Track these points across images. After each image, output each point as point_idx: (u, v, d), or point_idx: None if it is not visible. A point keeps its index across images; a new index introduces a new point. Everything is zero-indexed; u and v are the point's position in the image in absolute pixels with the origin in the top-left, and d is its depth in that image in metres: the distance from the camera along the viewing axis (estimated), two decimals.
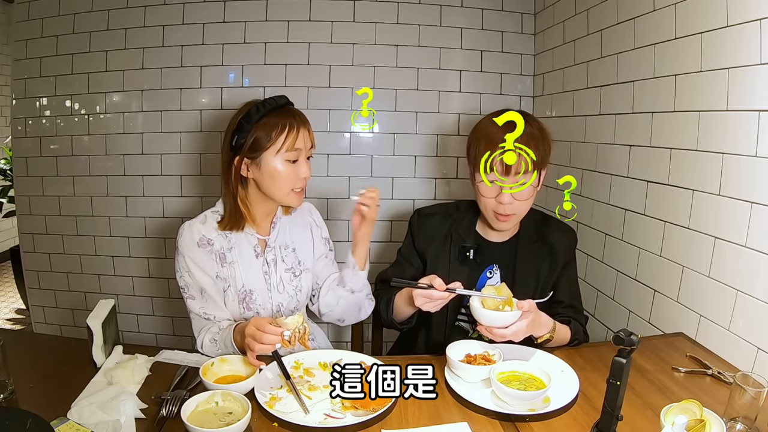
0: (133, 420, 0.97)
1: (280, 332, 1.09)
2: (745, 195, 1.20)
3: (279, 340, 1.09)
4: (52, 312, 2.48)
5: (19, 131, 2.36)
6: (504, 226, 1.41)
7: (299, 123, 1.30)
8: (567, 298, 1.46)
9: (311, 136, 1.33)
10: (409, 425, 1.00)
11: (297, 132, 1.28)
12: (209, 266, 1.32)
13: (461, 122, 2.34)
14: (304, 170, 1.31)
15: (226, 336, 1.23)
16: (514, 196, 1.33)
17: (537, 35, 2.31)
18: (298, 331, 1.10)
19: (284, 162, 1.28)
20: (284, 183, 1.29)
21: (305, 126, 1.31)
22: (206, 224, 1.34)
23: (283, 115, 1.29)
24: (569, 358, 1.23)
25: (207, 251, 1.32)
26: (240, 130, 1.28)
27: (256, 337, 1.08)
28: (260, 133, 1.27)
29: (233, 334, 1.21)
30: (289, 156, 1.28)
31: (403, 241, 1.58)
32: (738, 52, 1.21)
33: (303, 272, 1.43)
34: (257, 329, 1.09)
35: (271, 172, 1.28)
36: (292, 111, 1.32)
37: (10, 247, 3.73)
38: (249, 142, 1.27)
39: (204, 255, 1.31)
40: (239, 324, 1.23)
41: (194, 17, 2.21)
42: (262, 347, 1.09)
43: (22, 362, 1.14)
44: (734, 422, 0.93)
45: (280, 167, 1.28)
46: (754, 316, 1.18)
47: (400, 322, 1.43)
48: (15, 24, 2.30)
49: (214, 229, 1.34)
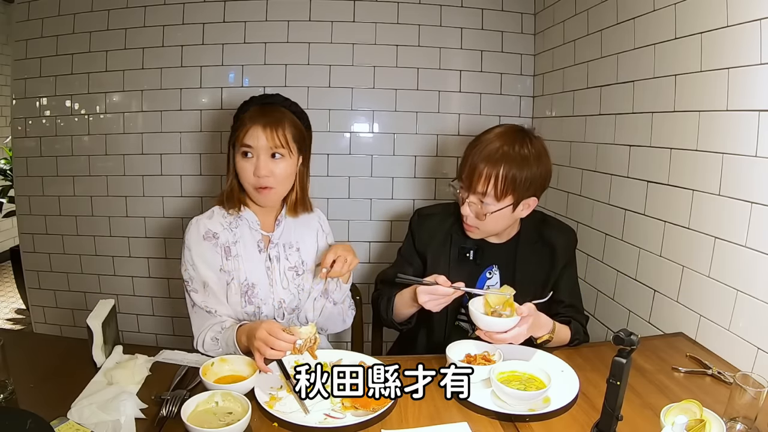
0: (133, 420, 0.97)
1: (293, 340, 1.10)
2: (745, 195, 1.20)
3: (291, 348, 1.10)
4: (52, 312, 2.48)
5: (19, 131, 2.36)
6: (471, 235, 1.41)
7: (258, 121, 1.30)
8: (567, 298, 1.45)
9: (271, 134, 1.29)
10: (409, 425, 1.00)
11: (249, 128, 1.29)
12: (213, 260, 1.34)
13: (461, 122, 2.34)
14: (259, 168, 1.30)
15: (228, 335, 1.24)
16: (474, 212, 1.34)
17: (537, 35, 2.31)
18: (309, 340, 1.11)
19: (240, 156, 1.31)
20: (242, 177, 1.33)
21: (265, 124, 1.29)
22: (213, 219, 1.38)
23: (254, 112, 1.32)
24: (569, 358, 1.23)
25: (212, 244, 1.34)
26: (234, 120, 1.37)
27: (268, 342, 1.09)
28: (234, 128, 1.35)
29: (237, 335, 1.21)
30: (242, 150, 1.31)
31: (403, 242, 1.58)
32: (738, 52, 1.21)
33: (306, 272, 1.44)
34: (269, 334, 1.10)
35: (235, 166, 1.34)
36: (267, 109, 1.33)
37: (10, 247, 3.73)
38: (232, 134, 1.35)
39: (209, 248, 1.34)
40: (244, 324, 1.24)
41: (194, 17, 2.21)
42: (273, 353, 1.10)
43: (22, 362, 1.14)
44: (734, 422, 0.93)
45: (238, 161, 1.32)
46: (754, 316, 1.18)
47: (400, 322, 1.43)
48: (15, 24, 2.30)
49: (221, 224, 1.37)
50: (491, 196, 1.31)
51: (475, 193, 1.32)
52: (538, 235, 1.47)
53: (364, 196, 2.36)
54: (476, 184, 1.31)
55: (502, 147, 1.30)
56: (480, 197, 1.32)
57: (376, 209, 2.38)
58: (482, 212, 1.33)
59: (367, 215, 2.38)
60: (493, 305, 1.19)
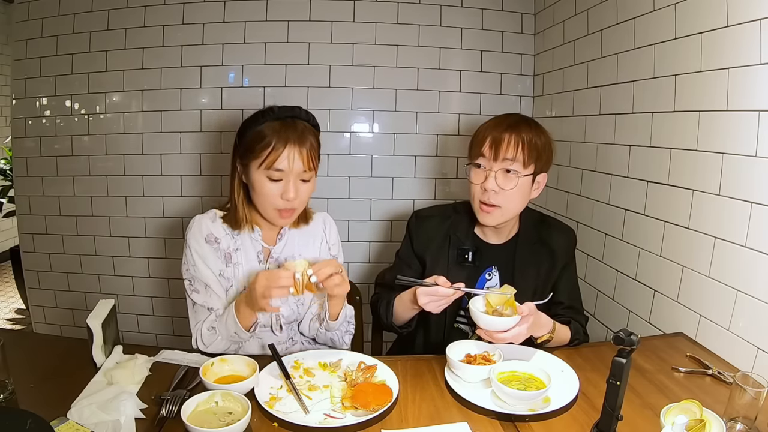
0: (133, 420, 0.97)
1: (291, 274, 1.11)
2: (745, 195, 1.20)
3: (292, 282, 1.11)
4: (52, 312, 2.49)
5: (19, 131, 2.36)
6: (487, 219, 1.37)
7: (291, 142, 1.21)
8: (567, 298, 1.45)
9: (307, 158, 1.22)
10: (409, 425, 1.00)
11: (281, 151, 1.20)
12: (214, 263, 1.32)
13: (461, 122, 2.34)
14: (288, 192, 1.23)
15: (227, 315, 1.23)
16: (500, 185, 1.33)
17: (537, 35, 2.31)
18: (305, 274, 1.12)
19: (266, 178, 1.23)
20: (265, 199, 1.25)
21: (299, 146, 1.21)
22: (215, 222, 1.34)
23: (279, 128, 1.22)
24: (569, 358, 1.23)
25: (213, 248, 1.32)
26: (242, 133, 1.27)
27: (270, 281, 1.10)
28: (252, 142, 1.23)
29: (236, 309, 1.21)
30: (270, 174, 1.22)
31: (401, 244, 1.57)
32: (738, 52, 1.21)
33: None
34: (268, 277, 1.11)
35: (253, 185, 1.25)
36: (292, 126, 1.23)
37: (10, 247, 3.73)
38: (242, 147, 1.26)
39: (210, 251, 1.31)
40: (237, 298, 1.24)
41: (194, 17, 2.22)
42: (278, 291, 1.10)
43: (22, 362, 1.14)
44: (734, 422, 0.93)
45: (261, 182, 1.23)
46: (754, 316, 1.18)
47: (400, 325, 1.42)
48: (15, 24, 2.30)
49: (222, 228, 1.34)
50: (519, 162, 1.31)
51: (504, 160, 1.31)
52: (538, 235, 1.46)
53: (364, 196, 2.36)
54: (504, 151, 1.30)
55: (518, 119, 1.36)
56: (508, 164, 1.31)
57: (376, 209, 2.38)
58: (508, 184, 1.32)
59: (367, 215, 2.38)
60: (494, 305, 1.19)
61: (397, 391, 1.08)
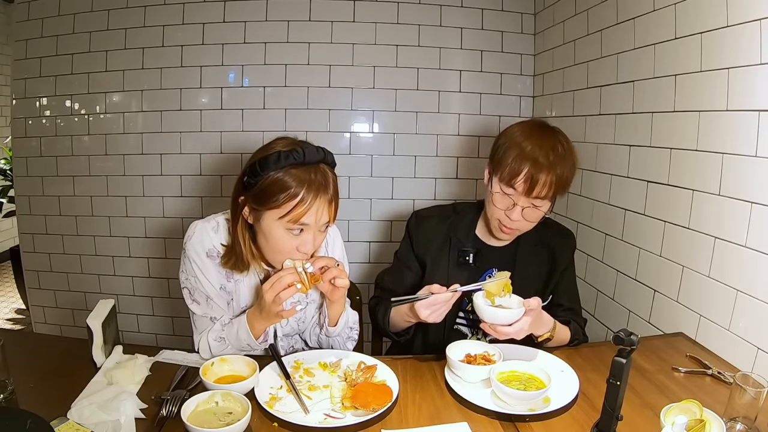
0: (133, 420, 0.97)
1: (293, 269, 1.10)
2: (745, 195, 1.20)
3: (296, 277, 1.10)
4: (52, 312, 2.49)
5: (19, 131, 2.36)
6: (505, 237, 1.41)
7: (319, 193, 1.08)
8: (566, 301, 1.45)
9: (332, 209, 1.11)
10: (409, 425, 1.00)
11: (310, 206, 1.07)
12: (215, 278, 1.25)
13: (461, 122, 2.34)
14: (307, 244, 1.11)
15: (238, 326, 1.19)
16: (525, 217, 1.32)
17: (537, 35, 2.31)
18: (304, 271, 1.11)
19: (285, 230, 1.10)
20: (279, 251, 1.13)
21: (326, 197, 1.09)
22: (218, 233, 1.24)
23: (306, 178, 1.07)
24: (569, 358, 1.23)
25: (215, 263, 1.24)
26: (253, 173, 1.10)
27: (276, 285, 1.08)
28: (269, 187, 1.08)
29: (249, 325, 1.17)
30: (291, 227, 1.10)
31: (401, 245, 1.56)
32: (738, 52, 1.21)
33: (309, 304, 1.35)
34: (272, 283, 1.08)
35: (267, 234, 1.12)
36: (320, 174, 1.09)
37: (10, 247, 3.73)
38: (258, 191, 1.09)
39: (212, 266, 1.24)
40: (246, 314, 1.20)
41: (194, 17, 2.22)
42: (288, 291, 1.08)
43: (22, 362, 1.14)
44: (734, 422, 0.93)
45: (278, 234, 1.11)
46: (754, 316, 1.18)
47: (397, 333, 1.41)
48: (15, 24, 2.30)
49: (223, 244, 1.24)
50: (548, 198, 1.30)
51: (535, 198, 1.29)
52: (538, 237, 1.46)
53: (364, 196, 2.36)
54: (539, 191, 1.27)
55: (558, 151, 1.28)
56: (538, 202, 1.30)
57: (376, 209, 2.38)
58: (532, 216, 1.31)
59: (367, 215, 2.38)
60: (495, 294, 1.18)
61: (397, 391, 1.08)
